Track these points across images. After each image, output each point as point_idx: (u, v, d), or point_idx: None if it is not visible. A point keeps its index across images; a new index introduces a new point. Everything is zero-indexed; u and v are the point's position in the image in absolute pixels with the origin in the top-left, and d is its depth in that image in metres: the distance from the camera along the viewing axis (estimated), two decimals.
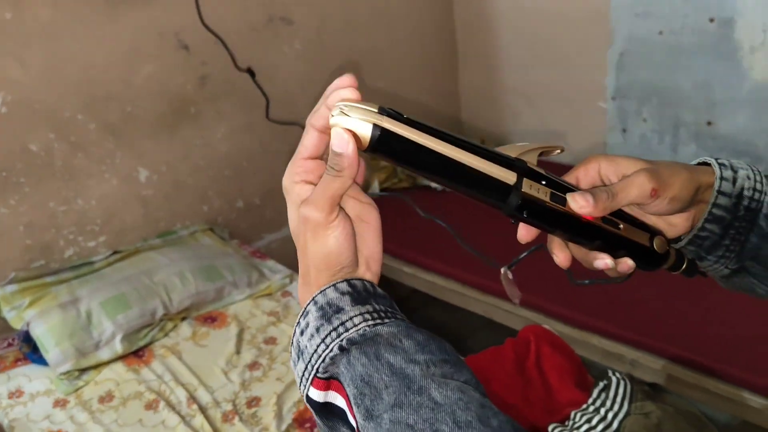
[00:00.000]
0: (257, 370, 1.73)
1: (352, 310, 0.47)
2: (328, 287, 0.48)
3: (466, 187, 0.52)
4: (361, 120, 0.47)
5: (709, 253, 0.59)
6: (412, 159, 0.49)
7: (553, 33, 2.59)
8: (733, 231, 0.57)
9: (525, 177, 0.52)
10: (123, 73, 2.00)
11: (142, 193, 2.12)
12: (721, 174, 0.57)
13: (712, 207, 0.56)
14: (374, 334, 0.45)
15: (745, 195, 0.56)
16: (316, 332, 0.47)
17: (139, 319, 1.83)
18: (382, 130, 0.47)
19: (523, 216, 0.53)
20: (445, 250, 2.14)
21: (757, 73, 2.12)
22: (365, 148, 0.48)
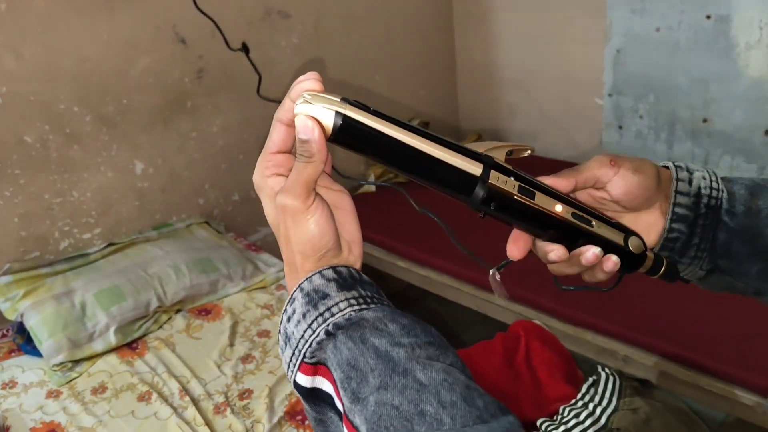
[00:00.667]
0: (250, 363, 1.74)
1: (338, 296, 0.48)
2: (314, 274, 0.49)
3: (430, 179, 0.51)
4: (323, 108, 0.47)
5: (682, 255, 0.61)
6: (376, 148, 0.49)
7: (550, 29, 2.58)
8: (699, 229, 0.59)
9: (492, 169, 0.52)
10: (119, 65, 2.01)
11: (138, 185, 2.13)
12: (677, 175, 0.59)
13: (674, 207, 0.59)
14: (360, 318, 0.46)
15: (703, 193, 0.59)
16: (302, 318, 0.47)
17: (134, 311, 1.83)
18: (344, 118, 0.47)
19: (490, 209, 0.53)
20: (440, 245, 2.14)
21: (753, 71, 2.12)
22: (328, 136, 0.48)
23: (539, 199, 0.54)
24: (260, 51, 2.30)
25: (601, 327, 1.72)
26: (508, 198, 0.53)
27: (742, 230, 0.59)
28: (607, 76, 2.46)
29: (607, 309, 1.75)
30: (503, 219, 0.55)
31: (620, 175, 0.57)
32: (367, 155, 0.50)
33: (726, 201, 0.59)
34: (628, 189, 0.58)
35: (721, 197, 0.59)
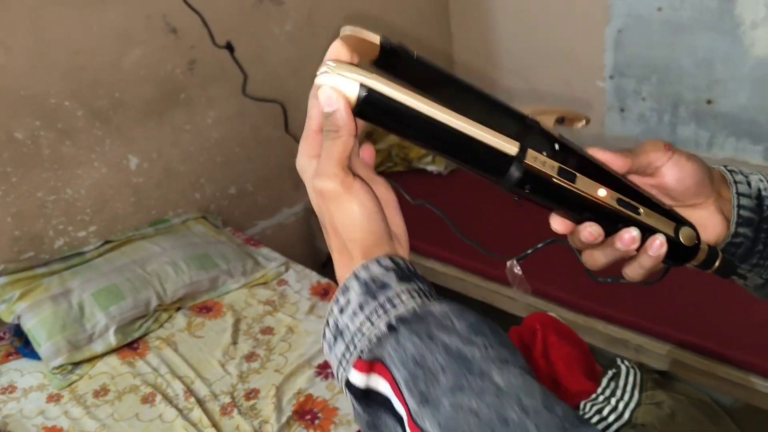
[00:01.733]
0: (255, 362, 1.70)
1: (398, 286, 0.44)
2: (371, 262, 0.45)
3: (460, 158, 0.47)
4: (345, 79, 0.43)
5: (743, 261, 0.57)
6: (401, 124, 0.45)
7: (550, 11, 2.53)
8: (763, 234, 0.56)
9: (530, 147, 0.47)
10: (111, 58, 1.94)
11: (133, 181, 2.07)
12: (734, 178, 0.56)
13: (738, 209, 0.55)
14: (425, 312, 0.42)
15: (764, 195, 0.55)
16: (359, 309, 0.43)
17: (133, 310, 1.79)
18: (368, 90, 0.44)
19: (525, 192, 0.48)
20: (443, 236, 2.10)
21: (759, 50, 2.08)
22: (352, 109, 0.44)
23: (580, 183, 0.49)
24: (253, 39, 2.24)
25: (613, 316, 1.69)
26: (545, 181, 0.48)
27: None
28: (609, 58, 2.41)
29: (617, 298, 1.72)
30: (539, 203, 0.50)
31: (674, 161, 0.54)
32: (393, 130, 0.46)
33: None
34: (682, 176, 0.54)
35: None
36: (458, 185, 2.42)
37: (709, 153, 2.28)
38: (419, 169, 2.53)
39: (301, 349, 1.72)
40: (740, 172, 0.57)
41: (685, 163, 0.54)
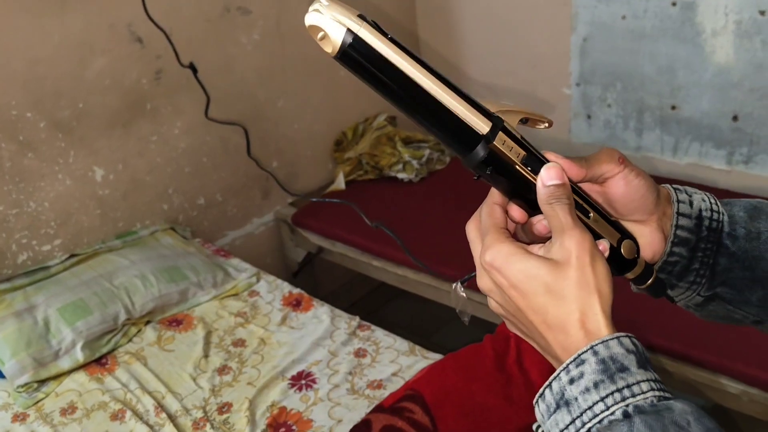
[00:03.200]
0: (227, 375, 1.67)
1: (639, 374, 0.44)
2: (611, 339, 0.45)
3: (433, 124, 0.48)
4: (334, 21, 0.44)
5: (680, 279, 0.59)
6: (382, 79, 0.45)
7: (515, 19, 2.56)
8: (700, 253, 0.57)
9: (501, 131, 0.49)
10: (73, 67, 1.91)
11: (99, 192, 2.03)
12: (677, 197, 0.57)
13: (675, 229, 0.56)
14: (665, 407, 0.42)
15: (704, 216, 0.57)
16: (593, 387, 0.43)
17: (101, 325, 1.75)
18: (354, 38, 0.44)
19: (486, 173, 0.49)
20: (416, 243, 2.10)
21: (720, 57, 2.13)
22: (334, 54, 0.44)
23: None
24: (219, 49, 2.22)
25: None
26: (509, 166, 0.50)
27: (743, 254, 0.57)
28: (574, 66, 2.45)
29: None
30: (497, 185, 0.52)
31: (623, 174, 0.55)
32: (371, 84, 0.46)
33: (727, 224, 0.57)
34: (628, 191, 0.55)
35: (722, 220, 0.57)
36: (429, 193, 2.43)
37: (675, 157, 2.32)
38: (390, 176, 2.52)
39: (273, 360, 1.70)
40: (685, 191, 0.58)
41: (633, 178, 0.55)
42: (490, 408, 1.21)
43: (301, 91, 2.48)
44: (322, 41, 0.45)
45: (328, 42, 0.44)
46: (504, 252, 0.49)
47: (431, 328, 2.58)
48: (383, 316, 2.64)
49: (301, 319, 1.84)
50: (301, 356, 1.71)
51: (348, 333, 1.77)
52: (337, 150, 2.65)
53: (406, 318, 2.67)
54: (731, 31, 2.08)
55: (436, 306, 2.21)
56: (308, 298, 1.92)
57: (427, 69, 0.47)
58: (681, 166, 2.32)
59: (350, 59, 0.45)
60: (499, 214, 0.53)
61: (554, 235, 0.49)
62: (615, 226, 0.56)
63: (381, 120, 2.67)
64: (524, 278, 0.48)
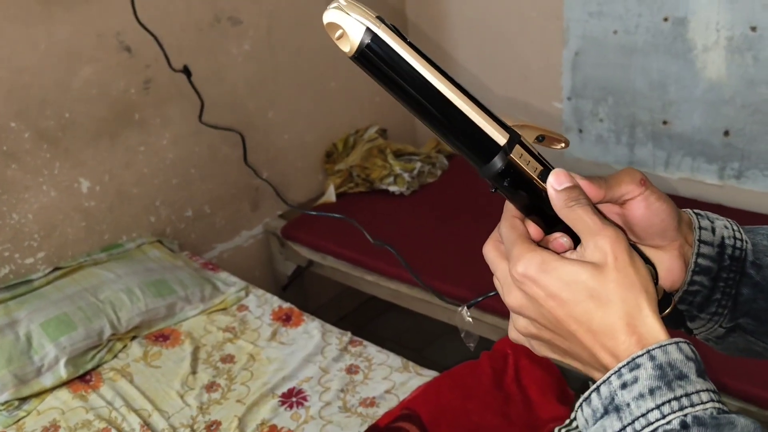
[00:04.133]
0: (215, 392, 1.63)
1: (699, 383, 0.41)
2: (670, 344, 0.42)
3: (449, 131, 0.46)
4: (354, 20, 0.43)
5: (701, 311, 0.56)
6: (399, 82, 0.44)
7: (507, 33, 2.56)
8: (722, 283, 0.54)
9: (518, 143, 0.47)
10: (59, 76, 1.87)
11: (84, 204, 1.99)
12: (699, 223, 0.55)
13: (696, 257, 0.54)
14: (728, 421, 0.39)
15: (727, 244, 0.54)
16: (648, 394, 0.41)
17: (85, 340, 1.70)
18: (374, 37, 0.43)
19: (503, 185, 0.48)
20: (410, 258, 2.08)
21: (711, 72, 2.14)
22: (352, 53, 0.43)
23: None
24: (210, 59, 2.19)
25: None
26: (526, 179, 0.48)
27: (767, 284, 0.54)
28: (566, 80, 2.44)
29: None
30: (513, 199, 0.50)
31: (644, 197, 0.52)
32: (387, 87, 0.45)
33: (750, 252, 0.55)
34: (649, 215, 0.53)
35: (746, 248, 0.55)
36: (420, 206, 2.41)
37: (666, 172, 2.32)
38: (381, 189, 2.50)
39: (264, 377, 1.66)
40: (707, 217, 0.56)
41: (654, 201, 0.53)
42: (488, 427, 1.18)
43: (292, 102, 2.46)
44: (340, 40, 0.44)
45: (346, 41, 0.44)
46: (537, 260, 0.46)
47: (423, 343, 2.55)
48: (373, 331, 2.61)
49: (291, 335, 1.81)
50: (292, 373, 1.67)
51: (339, 349, 1.74)
52: (327, 162, 2.62)
53: (397, 332, 2.63)
54: (723, 46, 2.09)
55: (426, 320, 2.18)
56: (298, 312, 1.88)
57: (445, 75, 0.46)
58: (673, 181, 2.32)
59: (368, 60, 0.44)
60: (521, 227, 0.50)
61: (585, 238, 0.47)
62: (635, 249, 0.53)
63: (372, 132, 2.65)
64: (563, 285, 0.45)
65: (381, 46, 0.43)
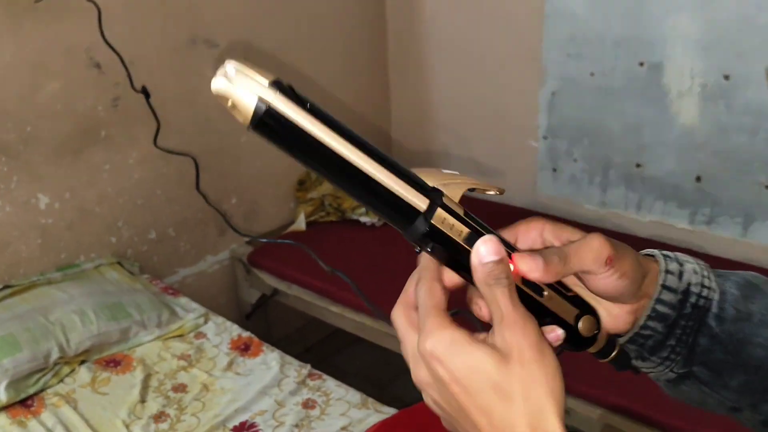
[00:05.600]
0: (163, 422, 1.56)
1: None
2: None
3: (363, 199, 0.43)
4: (244, 89, 0.39)
5: (652, 354, 0.52)
6: (303, 153, 0.41)
7: (485, 71, 2.56)
8: (678, 330, 0.51)
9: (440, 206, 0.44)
10: (23, 89, 1.82)
11: (42, 221, 1.92)
12: (667, 267, 0.51)
13: (655, 303, 0.50)
14: None
15: (693, 291, 0.51)
16: None
17: (30, 363, 1.62)
18: (268, 109, 0.39)
19: (428, 249, 0.45)
20: (376, 289, 2.03)
21: (685, 118, 2.14)
22: (246, 125, 0.40)
23: None
24: (183, 80, 2.15)
25: None
26: (450, 244, 0.45)
27: (728, 337, 0.51)
28: (542, 119, 2.44)
29: None
30: (441, 260, 0.47)
31: (607, 274, 0.48)
32: (293, 157, 0.41)
33: (716, 304, 0.51)
34: (608, 290, 0.49)
35: (712, 297, 0.51)
36: (390, 238, 2.36)
37: (638, 215, 2.31)
38: (352, 219, 2.46)
39: (216, 408, 1.59)
40: (677, 260, 0.52)
41: (615, 279, 0.48)
42: None
43: None
44: (233, 110, 0.40)
45: (238, 113, 0.39)
46: (447, 340, 0.42)
47: (387, 378, 2.48)
48: (338, 363, 2.54)
49: (248, 365, 1.74)
50: (246, 405, 1.60)
51: (297, 382, 1.67)
52: (299, 189, 2.58)
53: (362, 366, 2.57)
54: (696, 93, 2.10)
55: (393, 354, 2.12)
56: (258, 342, 1.82)
57: (353, 140, 0.42)
58: (644, 224, 2.30)
59: (265, 131, 0.40)
60: (439, 294, 0.46)
61: (495, 324, 0.43)
62: (574, 302, 0.50)
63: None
64: (469, 372, 0.41)
65: (277, 118, 0.39)
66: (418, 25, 2.68)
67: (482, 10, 2.49)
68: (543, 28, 2.34)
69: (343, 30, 2.64)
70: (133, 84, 2.01)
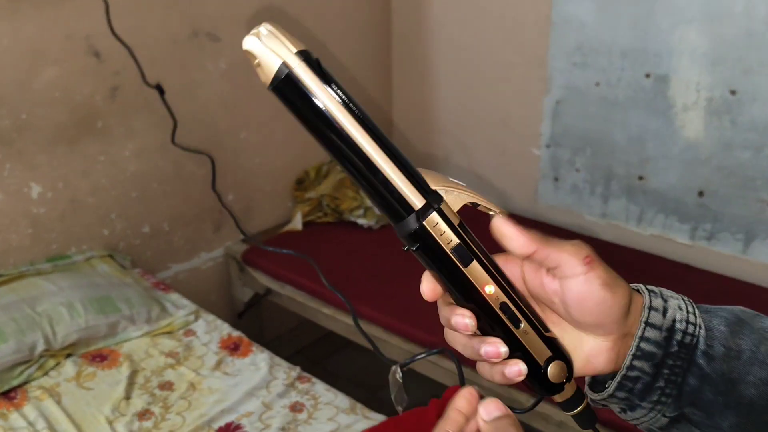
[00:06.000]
0: (148, 420, 1.53)
1: None
2: None
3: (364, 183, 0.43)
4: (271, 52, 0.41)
5: (642, 399, 0.49)
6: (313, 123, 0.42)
7: (490, 76, 2.54)
8: (666, 371, 0.48)
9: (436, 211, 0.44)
10: (20, 75, 1.79)
11: (33, 211, 1.89)
12: (651, 303, 0.49)
13: (639, 341, 0.48)
14: None
15: (678, 328, 0.48)
16: None
17: (14, 354, 1.59)
18: (289, 74, 0.41)
19: (413, 249, 0.45)
20: (369, 293, 2.00)
21: (689, 132, 2.12)
22: (267, 85, 0.42)
23: (473, 270, 0.45)
24: (183, 73, 2.13)
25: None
26: (437, 249, 0.44)
27: (718, 376, 0.48)
28: (546, 127, 2.42)
29: None
30: (424, 263, 0.46)
31: (586, 279, 0.46)
32: (303, 125, 0.42)
33: (703, 340, 0.49)
34: (584, 298, 0.47)
35: (698, 334, 0.49)
36: (387, 241, 2.34)
37: (639, 227, 2.28)
38: (350, 221, 2.43)
39: (202, 408, 1.57)
40: (661, 296, 0.50)
41: (596, 288, 0.47)
42: None
43: (266, 125, 2.40)
44: (258, 68, 0.42)
45: (262, 72, 0.42)
46: None
47: (378, 383, 2.45)
48: (329, 366, 2.51)
49: (237, 365, 1.71)
50: (232, 406, 1.57)
51: (286, 384, 1.65)
52: (297, 189, 2.56)
53: (353, 370, 2.54)
54: (702, 107, 2.07)
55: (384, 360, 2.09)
56: (248, 342, 1.79)
57: (365, 125, 0.43)
58: (644, 237, 2.28)
59: (282, 95, 0.42)
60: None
61: None
62: (548, 343, 0.48)
63: None
64: None
65: (296, 84, 0.41)
66: (424, 29, 2.66)
67: (488, 15, 2.46)
68: (550, 36, 2.31)
69: (348, 30, 2.61)
70: (145, 78, 1.98)
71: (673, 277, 2.09)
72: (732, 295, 1.98)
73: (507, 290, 0.47)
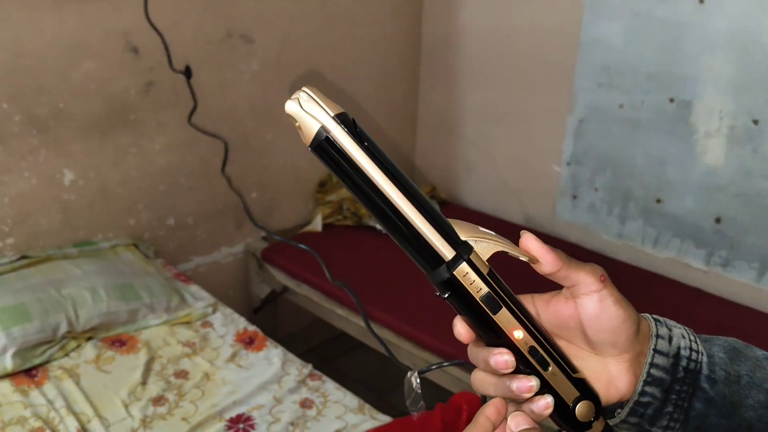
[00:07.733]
0: (162, 406, 1.57)
1: None
2: None
3: (397, 236, 0.48)
4: (310, 117, 0.45)
5: (652, 424, 0.53)
6: (351, 181, 0.46)
7: (516, 90, 2.57)
8: (674, 396, 0.52)
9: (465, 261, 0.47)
10: (60, 65, 1.86)
11: (64, 197, 1.96)
12: (657, 331, 0.52)
13: (650, 367, 0.52)
14: None
15: (683, 355, 0.52)
16: None
17: (38, 333, 1.65)
18: (327, 137, 0.44)
19: (445, 296, 0.48)
20: (382, 296, 2.04)
21: (710, 158, 2.13)
22: (308, 146, 0.46)
23: (502, 316, 0.49)
24: (216, 72, 2.19)
25: None
26: (467, 297, 0.48)
27: (721, 399, 0.52)
28: (567, 145, 2.44)
29: None
30: (457, 310, 0.50)
31: (600, 296, 0.51)
32: (342, 182, 0.47)
33: (706, 366, 0.53)
34: (601, 315, 0.51)
35: (701, 360, 0.53)
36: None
37: (654, 250, 2.30)
38: (369, 226, 2.47)
39: (214, 398, 1.61)
40: (666, 324, 0.54)
41: (610, 304, 0.50)
42: None
43: (292, 128, 2.42)
44: (299, 130, 0.46)
45: (303, 133, 0.45)
46: None
47: (387, 386, 2.49)
48: (339, 367, 2.55)
49: (251, 359, 1.76)
50: (244, 398, 1.62)
51: (297, 380, 1.69)
52: (319, 191, 2.60)
53: (363, 371, 2.58)
54: (724, 135, 2.09)
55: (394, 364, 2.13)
56: (263, 337, 1.84)
57: (398, 181, 0.46)
58: (660, 260, 2.29)
59: (322, 155, 0.45)
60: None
61: None
62: (577, 384, 0.52)
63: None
64: None
65: (334, 146, 0.45)
66: (453, 40, 2.70)
67: (518, 31, 2.50)
68: (577, 55, 2.34)
69: (378, 37, 2.66)
70: (172, 65, 2.04)
71: (686, 301, 2.10)
72: (745, 324, 1.99)
73: (535, 334, 0.50)
